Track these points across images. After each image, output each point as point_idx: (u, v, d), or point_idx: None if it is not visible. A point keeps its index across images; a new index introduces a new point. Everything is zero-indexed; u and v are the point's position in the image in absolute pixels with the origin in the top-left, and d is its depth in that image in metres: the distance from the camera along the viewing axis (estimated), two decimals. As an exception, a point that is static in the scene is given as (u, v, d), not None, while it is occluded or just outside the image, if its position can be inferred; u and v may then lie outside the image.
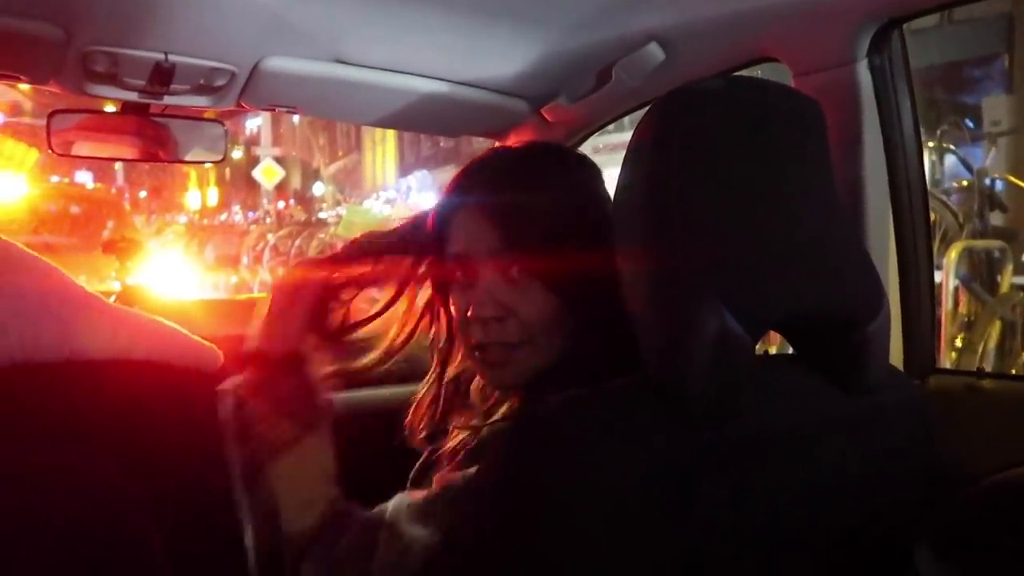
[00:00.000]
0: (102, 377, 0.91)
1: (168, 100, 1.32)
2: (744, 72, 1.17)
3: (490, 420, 0.83)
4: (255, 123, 20.80)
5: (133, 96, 1.31)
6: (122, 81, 1.25)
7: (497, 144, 1.67)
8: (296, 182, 22.48)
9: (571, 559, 0.60)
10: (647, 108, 0.71)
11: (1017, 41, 7.58)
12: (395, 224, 0.96)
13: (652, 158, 0.68)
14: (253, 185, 18.44)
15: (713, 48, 1.15)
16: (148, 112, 1.38)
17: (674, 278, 0.64)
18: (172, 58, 1.20)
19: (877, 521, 0.79)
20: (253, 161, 20.40)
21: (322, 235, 8.53)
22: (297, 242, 8.53)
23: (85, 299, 0.90)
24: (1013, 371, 3.11)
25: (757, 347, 0.92)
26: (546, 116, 1.44)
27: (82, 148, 1.41)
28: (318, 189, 20.19)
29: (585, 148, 1.55)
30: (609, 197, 0.85)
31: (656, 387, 0.65)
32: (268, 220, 12.65)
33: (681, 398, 0.63)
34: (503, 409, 0.83)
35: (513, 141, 1.60)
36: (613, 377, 0.70)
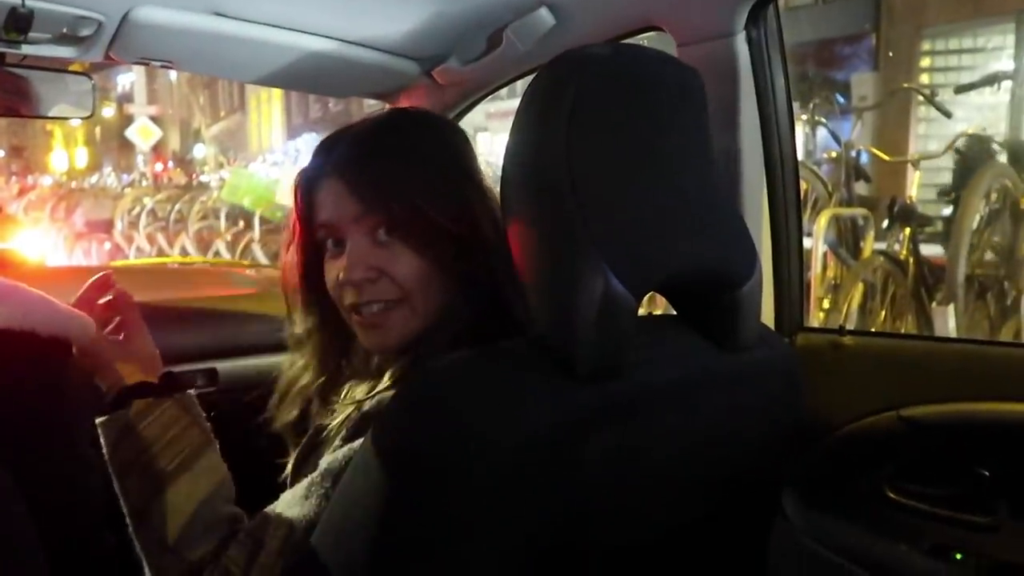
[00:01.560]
0: None
1: (27, 50, 1.22)
2: (631, 40, 1.19)
3: (374, 391, 0.82)
4: (128, 78, 19.53)
5: (-12, 44, 1.20)
6: (-28, 26, 1.15)
7: (387, 106, 1.64)
8: (175, 143, 21.30)
9: (463, 520, 0.61)
10: (536, 73, 0.71)
11: (883, 21, 8.07)
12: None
13: (540, 122, 0.68)
14: (127, 146, 17.38)
15: (602, 15, 1.17)
16: (3, 62, 1.27)
17: (560, 241, 0.65)
18: (29, 3, 1.11)
19: (748, 469, 0.85)
20: (126, 120, 19.17)
21: (203, 199, 8.12)
22: (177, 206, 8.07)
23: None
24: (872, 328, 3.34)
25: (644, 308, 0.95)
26: (437, 78, 1.42)
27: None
28: (199, 151, 19.20)
29: (477, 114, 1.55)
30: (476, 161, 0.89)
31: (543, 347, 0.67)
32: (145, 183, 11.90)
33: (567, 358, 0.65)
34: (386, 378, 0.83)
35: (403, 103, 1.57)
36: (499, 338, 0.72)
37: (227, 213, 7.43)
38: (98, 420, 0.89)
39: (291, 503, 0.78)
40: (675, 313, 0.82)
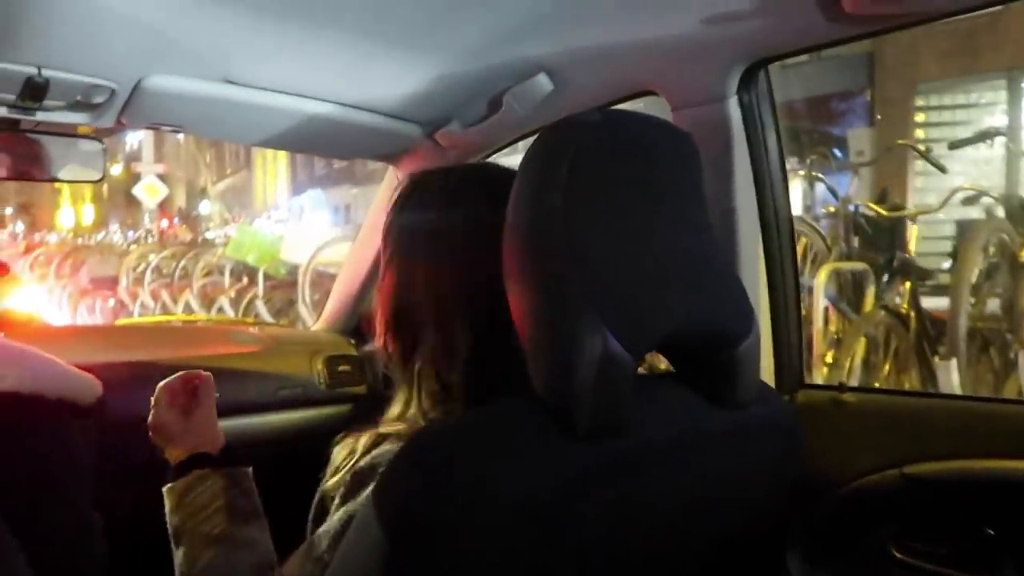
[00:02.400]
0: None
1: (42, 116, 1.26)
2: (626, 105, 1.23)
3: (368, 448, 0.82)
4: (136, 137, 19.87)
5: (2, 111, 1.24)
6: (-11, 95, 1.19)
7: (390, 168, 1.68)
8: (181, 200, 21.52)
9: (472, 557, 0.61)
10: (535, 136, 0.73)
11: (878, 77, 8.21)
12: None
13: (537, 186, 0.70)
14: (133, 203, 17.54)
15: (598, 80, 1.20)
16: (18, 128, 1.31)
17: (559, 303, 0.66)
18: (46, 72, 1.15)
19: (750, 528, 0.84)
20: (134, 178, 19.42)
21: (208, 256, 8.17)
22: (182, 263, 8.09)
23: None
24: (876, 383, 3.32)
25: (649, 366, 0.96)
26: (439, 141, 1.45)
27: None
28: (204, 208, 19.33)
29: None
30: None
31: (543, 407, 0.67)
32: (150, 240, 11.87)
33: (567, 416, 0.65)
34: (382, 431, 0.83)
35: (405, 165, 1.61)
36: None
37: (231, 269, 7.43)
38: (164, 488, 0.96)
39: (294, 564, 0.79)
40: (674, 371, 0.83)
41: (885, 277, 3.66)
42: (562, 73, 1.21)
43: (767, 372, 1.16)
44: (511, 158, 0.81)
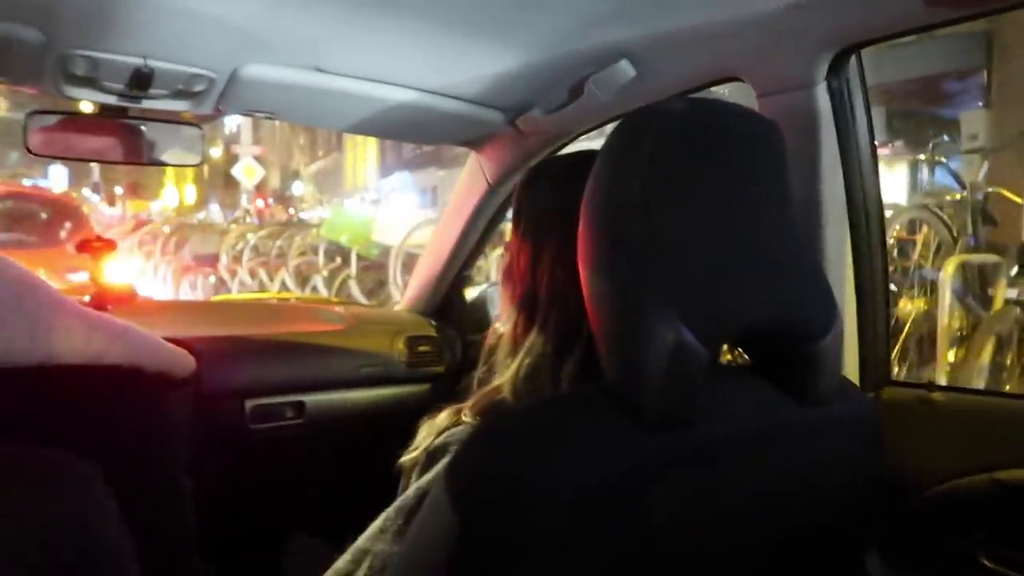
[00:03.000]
0: (75, 381, 0.93)
1: (147, 104, 1.34)
2: (711, 90, 1.21)
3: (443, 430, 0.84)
4: (235, 121, 20.65)
5: (112, 99, 1.32)
6: (101, 85, 1.27)
7: (472, 153, 1.70)
8: (275, 181, 22.26)
9: (532, 559, 0.62)
10: (616, 123, 0.73)
11: (995, 56, 7.65)
12: None
13: (616, 175, 0.70)
14: (231, 183, 18.22)
15: (682, 67, 1.19)
16: (126, 114, 1.39)
17: (634, 292, 0.66)
18: (151, 63, 1.22)
19: (826, 528, 0.82)
20: (232, 159, 20.16)
21: (301, 236, 8.41)
22: (278, 242, 8.29)
23: (59, 303, 0.91)
24: (1007, 387, 3.10)
25: (726, 356, 0.95)
26: (520, 127, 1.46)
27: (58, 148, 1.41)
28: (297, 189, 19.84)
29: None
30: None
31: (615, 394, 0.67)
32: (248, 219, 12.08)
33: (638, 405, 0.65)
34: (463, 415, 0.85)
35: (488, 151, 1.62)
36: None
37: (325, 250, 7.57)
38: None
39: (370, 538, 0.81)
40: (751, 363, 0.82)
41: (1015, 270, 3.38)
42: (645, 59, 1.19)
43: (852, 367, 1.13)
44: (596, 142, 0.81)
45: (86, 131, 1.40)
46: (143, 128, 1.46)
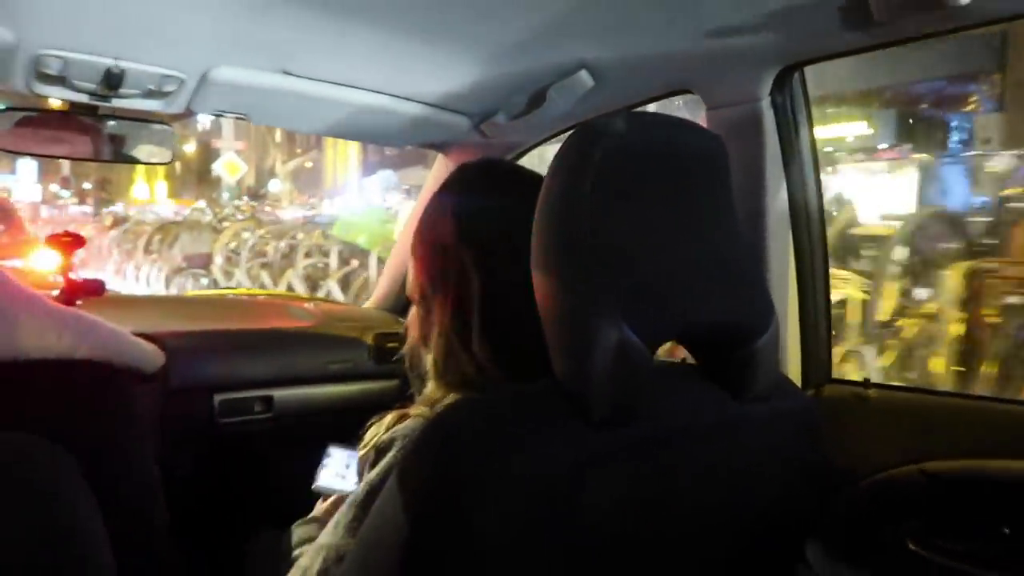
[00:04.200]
0: (46, 376, 0.95)
1: (118, 103, 1.36)
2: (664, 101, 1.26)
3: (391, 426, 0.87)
4: (210, 117, 20.31)
5: (83, 98, 1.34)
6: (72, 84, 1.29)
7: (439, 156, 1.74)
8: (249, 178, 21.88)
9: (477, 552, 0.64)
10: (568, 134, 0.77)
11: (1010, 57, 7.43)
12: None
13: (567, 182, 0.73)
14: (204, 180, 17.94)
15: (637, 79, 1.24)
16: (96, 113, 1.41)
17: (578, 292, 0.70)
18: (122, 64, 1.24)
19: (768, 518, 0.86)
20: (206, 155, 19.85)
21: (296, 236, 7.75)
22: (282, 243, 7.70)
23: (30, 299, 0.93)
24: None
25: (683, 359, 0.98)
26: (485, 132, 1.50)
27: (28, 145, 1.42)
28: (274, 186, 19.13)
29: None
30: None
31: (563, 391, 0.71)
32: (240, 217, 10.99)
33: (585, 402, 0.69)
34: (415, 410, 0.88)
35: (454, 153, 1.66)
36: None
37: (339, 251, 7.15)
38: None
39: (326, 532, 0.84)
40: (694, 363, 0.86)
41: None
42: (602, 70, 1.24)
43: (794, 367, 1.18)
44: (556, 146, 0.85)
45: (57, 128, 1.42)
46: (114, 126, 1.47)
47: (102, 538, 0.87)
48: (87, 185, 22.45)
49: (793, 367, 1.18)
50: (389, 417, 0.87)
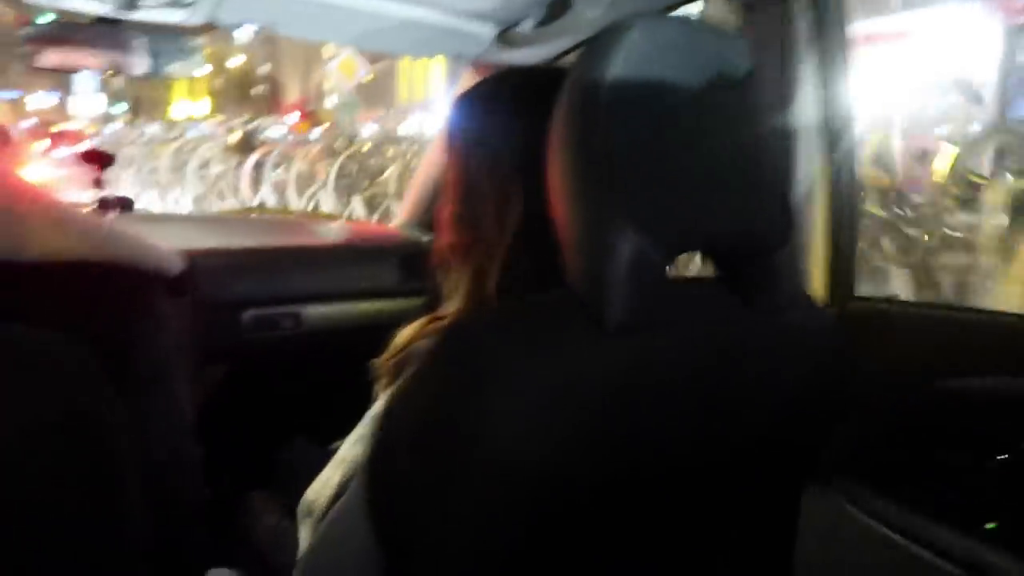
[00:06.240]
0: (73, 278, 0.97)
1: (140, 15, 1.35)
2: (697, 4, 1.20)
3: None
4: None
5: (106, 10, 1.33)
6: (91, -4, 1.28)
7: (468, 66, 1.71)
8: (294, 94, 21.16)
9: (493, 459, 0.65)
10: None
11: None
12: None
13: (582, 93, 0.71)
14: (246, 97, 17.65)
15: None
16: (121, 24, 1.40)
17: (592, 201, 0.69)
18: None
19: (784, 430, 0.86)
20: (245, 72, 19.50)
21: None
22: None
23: (39, 200, 0.93)
24: None
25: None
26: (511, 40, 1.47)
27: (52, 59, 1.43)
28: (333, 102, 17.53)
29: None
30: None
31: (576, 301, 0.71)
32: (290, 137, 9.43)
33: (599, 311, 0.68)
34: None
35: (480, 63, 1.63)
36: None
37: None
38: None
39: (347, 446, 0.86)
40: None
41: None
42: None
43: (819, 283, 1.16)
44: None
45: (80, 42, 1.42)
46: (141, 38, 1.47)
47: (126, 438, 0.90)
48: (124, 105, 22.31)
49: (818, 283, 1.16)
50: (410, 330, 0.88)
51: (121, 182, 9.04)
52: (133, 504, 0.89)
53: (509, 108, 0.89)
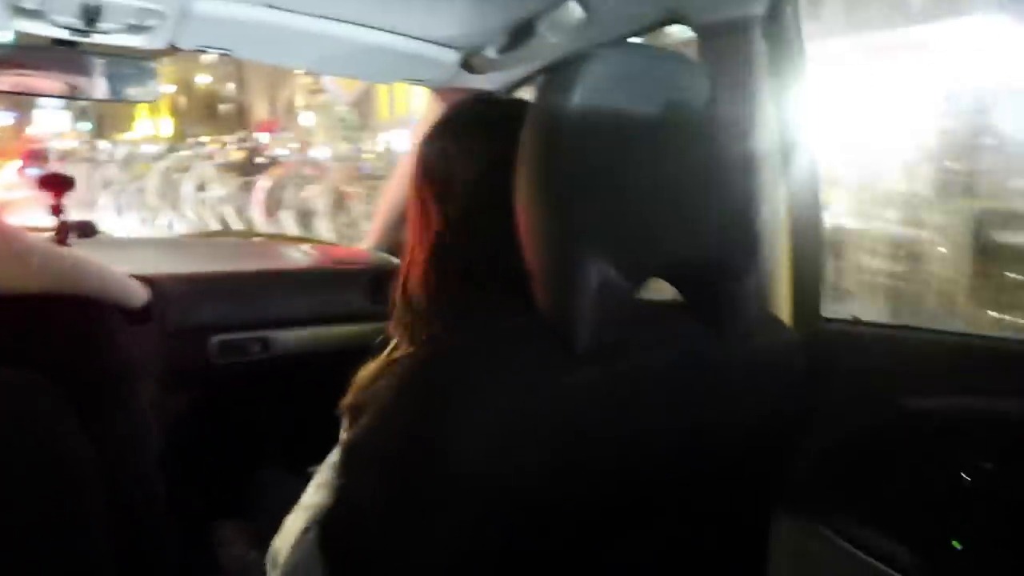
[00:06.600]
0: (27, 311, 0.95)
1: (98, 39, 1.33)
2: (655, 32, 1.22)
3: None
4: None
5: (63, 33, 1.31)
6: (50, 18, 1.26)
7: (432, 93, 1.71)
8: (261, 111, 20.58)
9: (449, 485, 0.65)
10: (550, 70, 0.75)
11: None
12: None
13: (546, 122, 0.72)
14: (212, 116, 17.43)
15: (627, 9, 1.19)
16: (76, 47, 1.38)
17: (563, 229, 0.69)
18: None
19: (749, 454, 0.87)
20: (209, 93, 19.28)
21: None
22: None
23: (13, 235, 0.92)
24: None
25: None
26: (475, 66, 1.47)
27: (9, 82, 1.40)
28: (306, 120, 14.50)
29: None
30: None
31: (545, 326, 0.71)
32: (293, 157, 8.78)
33: (568, 335, 0.69)
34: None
35: (444, 89, 1.63)
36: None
37: None
38: None
39: (309, 493, 0.85)
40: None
41: None
42: (591, 2, 1.20)
43: (784, 305, 1.17)
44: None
45: (36, 66, 1.39)
46: (97, 62, 1.45)
47: (95, 471, 0.89)
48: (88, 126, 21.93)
49: (784, 305, 1.17)
50: (373, 366, 0.87)
51: (98, 206, 8.63)
52: (100, 533, 0.88)
53: (468, 139, 0.89)
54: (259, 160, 8.89)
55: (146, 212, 8.74)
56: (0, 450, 0.82)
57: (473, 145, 0.86)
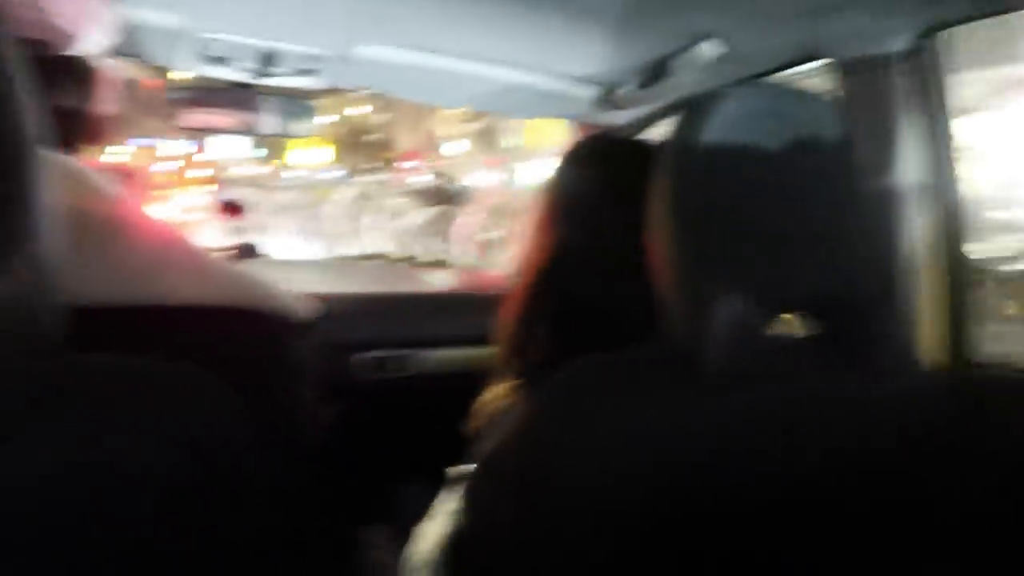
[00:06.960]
0: (208, 319, 1.04)
1: (270, 82, 1.47)
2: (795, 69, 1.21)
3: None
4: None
5: (243, 76, 1.47)
6: (233, 63, 1.41)
7: (574, 125, 1.76)
8: (405, 141, 21.05)
9: (584, 516, 0.66)
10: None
11: None
12: None
13: (681, 157, 0.74)
14: (359, 144, 17.98)
15: (768, 46, 1.19)
16: (253, 88, 1.53)
17: (697, 261, 0.71)
18: (275, 44, 1.35)
19: (884, 508, 0.83)
20: (359, 122, 20.00)
21: None
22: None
23: (176, 245, 1.00)
24: None
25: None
26: (614, 102, 1.51)
27: (193, 120, 1.57)
28: (450, 149, 13.80)
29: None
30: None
31: (676, 357, 0.72)
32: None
33: (697, 368, 0.69)
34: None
35: (585, 123, 1.68)
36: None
37: None
38: None
39: (446, 499, 0.91)
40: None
41: None
42: (730, 39, 1.21)
43: (937, 347, 1.12)
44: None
45: (219, 105, 1.56)
46: (272, 101, 1.60)
47: (259, 459, 0.95)
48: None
49: (933, 348, 1.12)
50: (494, 392, 0.91)
51: (272, 230, 8.60)
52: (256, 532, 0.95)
53: (592, 170, 0.93)
54: (448, 187, 8.50)
55: (329, 238, 8.83)
56: (177, 437, 0.89)
57: (596, 175, 0.90)
